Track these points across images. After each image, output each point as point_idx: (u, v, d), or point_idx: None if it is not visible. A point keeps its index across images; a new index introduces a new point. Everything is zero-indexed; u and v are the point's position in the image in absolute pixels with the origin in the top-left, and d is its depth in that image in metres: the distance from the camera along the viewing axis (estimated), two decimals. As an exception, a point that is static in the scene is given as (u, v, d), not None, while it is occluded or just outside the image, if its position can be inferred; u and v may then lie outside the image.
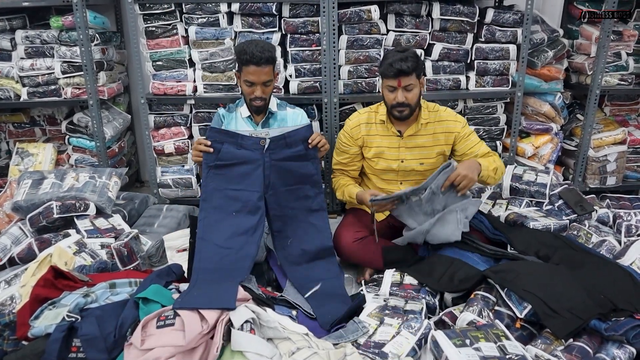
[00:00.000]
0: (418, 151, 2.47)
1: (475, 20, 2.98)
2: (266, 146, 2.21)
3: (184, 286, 1.86)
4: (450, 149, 2.52)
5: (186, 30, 2.98)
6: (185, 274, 2.10)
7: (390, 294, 2.05)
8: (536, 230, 2.34)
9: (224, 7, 2.89)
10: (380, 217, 2.56)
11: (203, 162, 2.20)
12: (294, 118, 2.61)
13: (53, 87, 3.15)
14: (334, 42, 2.92)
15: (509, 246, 2.26)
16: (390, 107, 2.35)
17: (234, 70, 2.58)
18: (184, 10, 2.93)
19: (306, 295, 2.07)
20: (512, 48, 3.03)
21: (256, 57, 2.30)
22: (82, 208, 2.43)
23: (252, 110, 2.48)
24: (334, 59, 2.96)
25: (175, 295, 1.75)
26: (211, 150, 2.18)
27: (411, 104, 2.31)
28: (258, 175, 2.21)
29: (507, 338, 1.59)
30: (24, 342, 1.63)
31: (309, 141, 2.26)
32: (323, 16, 2.86)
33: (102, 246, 2.24)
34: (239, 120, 2.56)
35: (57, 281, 1.78)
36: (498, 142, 3.24)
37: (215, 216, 2.16)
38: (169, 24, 2.96)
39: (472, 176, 2.23)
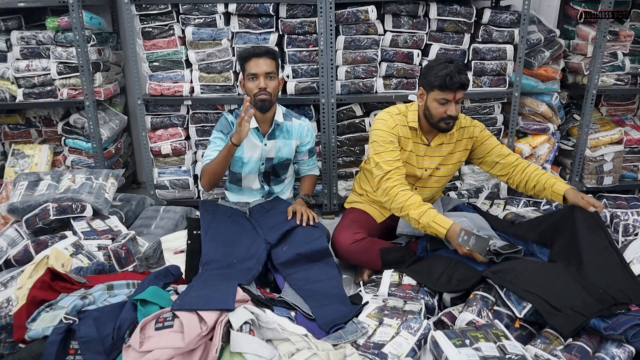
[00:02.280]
0: (439, 159, 2.44)
1: (472, 20, 2.98)
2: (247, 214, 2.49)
3: (182, 288, 1.86)
4: (468, 154, 2.50)
5: (183, 31, 2.97)
6: (183, 275, 2.10)
7: (389, 295, 2.04)
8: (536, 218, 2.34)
9: (220, 8, 2.89)
10: (380, 218, 2.56)
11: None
12: (299, 130, 2.62)
13: (49, 88, 3.13)
14: (331, 43, 2.92)
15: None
16: (439, 120, 2.24)
17: (239, 79, 2.59)
18: (181, 11, 2.92)
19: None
20: (509, 48, 3.04)
21: (257, 49, 2.41)
22: (78, 209, 2.41)
23: (258, 109, 2.45)
24: (331, 60, 2.96)
25: (174, 297, 1.74)
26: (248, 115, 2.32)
27: (457, 116, 2.27)
28: (249, 227, 2.42)
29: (507, 338, 1.59)
30: (20, 345, 1.62)
31: (297, 223, 2.36)
32: (320, 17, 2.86)
33: (99, 248, 2.23)
34: None
35: (54, 283, 1.77)
36: (495, 142, 3.24)
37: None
38: (166, 25, 2.95)
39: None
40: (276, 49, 2.85)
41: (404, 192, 2.22)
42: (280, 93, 3.07)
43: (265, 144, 2.56)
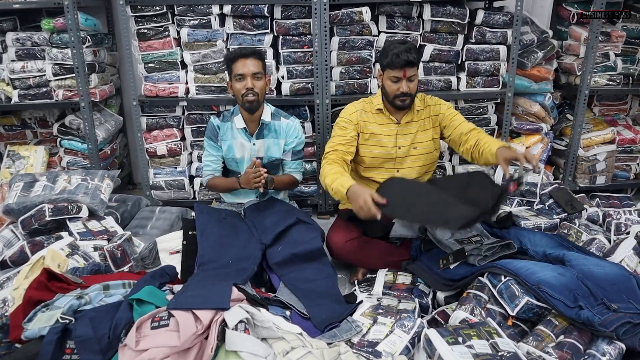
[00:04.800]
0: (412, 136, 2.51)
1: (466, 21, 3.01)
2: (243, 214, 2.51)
3: (177, 287, 1.86)
4: (439, 132, 2.57)
5: (178, 32, 2.98)
6: (179, 276, 2.11)
7: (383, 294, 2.06)
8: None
9: (215, 9, 2.90)
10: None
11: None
12: (287, 130, 2.62)
13: (44, 89, 3.14)
14: (325, 44, 2.93)
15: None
16: (393, 97, 2.39)
17: (226, 81, 2.62)
18: (176, 12, 2.93)
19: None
20: (502, 49, 3.06)
21: (243, 50, 2.44)
22: (74, 210, 2.41)
23: (246, 109, 2.48)
24: (326, 61, 2.97)
25: (169, 297, 1.75)
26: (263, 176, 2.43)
27: (412, 93, 2.38)
28: (244, 227, 2.43)
29: (499, 335, 1.61)
30: (17, 345, 1.62)
31: (288, 219, 2.42)
32: (315, 18, 2.87)
33: (95, 248, 2.23)
34: (234, 131, 2.58)
35: (50, 283, 1.77)
36: (489, 142, 3.26)
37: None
38: (161, 26, 2.96)
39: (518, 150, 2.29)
40: (263, 49, 2.91)
41: (330, 165, 2.37)
42: (275, 94, 3.10)
43: (254, 144, 2.57)
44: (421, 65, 3.07)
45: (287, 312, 1.93)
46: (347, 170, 2.42)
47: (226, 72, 2.54)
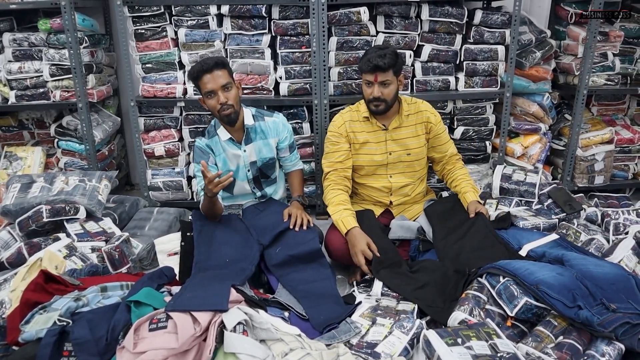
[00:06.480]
0: (403, 142, 2.52)
1: (464, 21, 3.00)
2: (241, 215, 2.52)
3: (175, 289, 1.86)
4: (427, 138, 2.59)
5: (176, 33, 2.98)
6: (177, 277, 2.10)
7: (382, 295, 2.05)
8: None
9: (213, 9, 2.89)
10: (377, 211, 2.58)
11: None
12: (274, 128, 2.57)
13: (42, 90, 3.13)
14: (323, 44, 2.93)
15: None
16: (367, 102, 2.43)
17: (198, 98, 2.54)
18: (174, 13, 2.92)
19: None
20: (501, 49, 3.06)
21: (204, 66, 2.31)
22: (72, 212, 2.41)
23: (226, 123, 2.42)
24: (324, 61, 2.97)
25: (167, 298, 1.75)
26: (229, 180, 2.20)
27: (387, 99, 2.39)
28: (242, 228, 2.41)
29: (499, 336, 1.60)
30: (14, 348, 1.62)
31: (291, 226, 2.37)
32: (313, 18, 2.87)
33: (93, 250, 2.23)
34: (222, 144, 2.51)
35: (47, 285, 1.77)
36: (487, 143, 3.27)
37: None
38: (159, 27, 2.96)
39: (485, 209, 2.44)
40: (223, 57, 2.85)
41: (333, 190, 2.47)
42: (273, 94, 3.09)
43: (245, 150, 2.54)
44: (419, 65, 3.07)
45: (286, 314, 1.92)
46: (349, 187, 2.54)
47: (195, 89, 2.42)
